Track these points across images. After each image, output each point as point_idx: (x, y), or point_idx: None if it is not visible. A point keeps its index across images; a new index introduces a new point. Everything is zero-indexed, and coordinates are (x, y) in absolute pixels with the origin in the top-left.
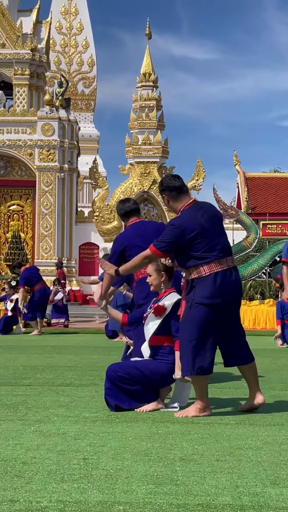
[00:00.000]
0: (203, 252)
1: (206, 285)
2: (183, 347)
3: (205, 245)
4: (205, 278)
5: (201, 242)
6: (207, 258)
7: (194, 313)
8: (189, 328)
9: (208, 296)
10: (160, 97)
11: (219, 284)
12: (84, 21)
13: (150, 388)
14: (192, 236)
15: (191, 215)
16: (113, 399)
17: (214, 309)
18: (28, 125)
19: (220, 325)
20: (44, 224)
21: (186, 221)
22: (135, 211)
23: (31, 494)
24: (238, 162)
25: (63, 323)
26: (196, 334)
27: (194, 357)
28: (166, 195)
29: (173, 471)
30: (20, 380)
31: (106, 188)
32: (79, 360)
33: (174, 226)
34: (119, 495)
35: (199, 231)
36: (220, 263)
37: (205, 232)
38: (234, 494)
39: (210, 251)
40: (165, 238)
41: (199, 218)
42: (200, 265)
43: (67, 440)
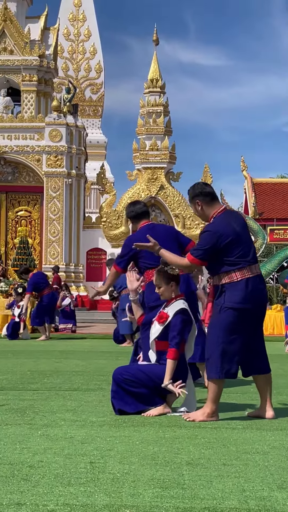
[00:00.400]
0: (236, 258)
1: (237, 290)
2: (211, 351)
3: (239, 251)
4: (237, 283)
5: (235, 248)
6: (239, 264)
7: (223, 317)
8: (218, 332)
9: (239, 301)
10: (168, 103)
11: (250, 290)
12: (92, 27)
13: (156, 391)
14: (227, 242)
15: (225, 222)
16: (119, 402)
17: (244, 314)
18: (36, 131)
19: (247, 330)
20: (51, 230)
21: (221, 227)
22: (145, 213)
23: (38, 497)
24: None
25: (71, 329)
26: (224, 337)
27: (222, 360)
28: (200, 200)
29: (180, 475)
30: (28, 385)
31: (114, 194)
32: (86, 365)
33: (210, 232)
34: (126, 499)
35: (233, 237)
36: (251, 270)
37: (239, 238)
38: (241, 498)
39: (243, 257)
40: (202, 245)
41: (232, 224)
42: (232, 271)
43: (74, 444)
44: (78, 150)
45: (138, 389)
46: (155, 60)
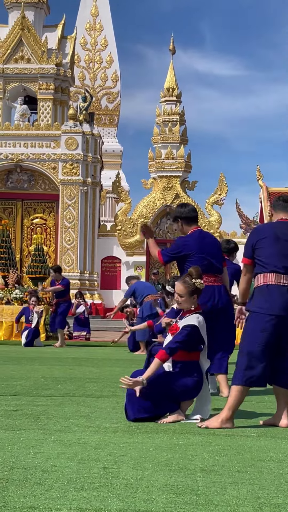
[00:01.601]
0: (263, 259)
1: (263, 295)
2: (238, 357)
3: (265, 256)
4: (261, 288)
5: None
6: (266, 269)
7: (249, 322)
8: (246, 339)
9: (263, 306)
10: (184, 111)
11: (276, 296)
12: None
13: (172, 398)
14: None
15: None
16: (134, 407)
17: (269, 320)
18: (52, 139)
19: (275, 338)
20: (66, 238)
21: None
22: (196, 218)
23: (51, 501)
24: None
25: (85, 336)
26: (251, 345)
27: (245, 367)
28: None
29: (194, 481)
30: (41, 391)
31: (129, 202)
32: (100, 372)
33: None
34: (139, 504)
35: (194, 251)
36: (278, 278)
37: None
38: (255, 505)
39: (269, 262)
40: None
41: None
42: (257, 274)
43: (87, 450)
44: (94, 159)
45: (155, 395)
46: (172, 69)
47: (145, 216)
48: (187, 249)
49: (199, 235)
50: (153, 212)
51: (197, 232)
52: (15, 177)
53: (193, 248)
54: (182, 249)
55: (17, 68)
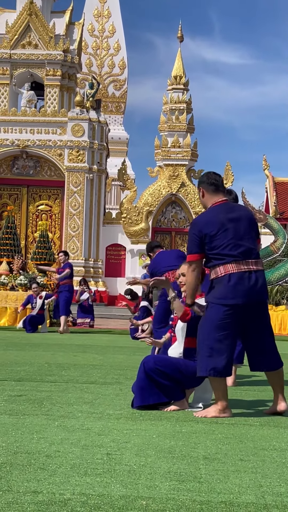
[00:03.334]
0: (220, 251)
1: (221, 286)
2: (198, 348)
3: (223, 245)
4: (221, 278)
5: (218, 240)
6: (224, 259)
7: (209, 313)
8: (204, 329)
9: (221, 296)
10: (191, 100)
11: (233, 284)
12: (117, 24)
13: (180, 385)
14: (208, 234)
15: (214, 213)
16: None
17: (228, 310)
18: (58, 126)
19: (237, 327)
20: (71, 225)
21: (207, 218)
22: None
23: (54, 486)
24: (267, 166)
25: (89, 323)
26: (210, 334)
27: (207, 358)
28: (203, 187)
29: (197, 469)
30: (45, 377)
31: (134, 190)
32: (104, 359)
33: (193, 223)
34: (142, 490)
35: (219, 228)
36: (238, 265)
37: (225, 231)
38: (258, 493)
39: (227, 252)
40: (190, 240)
41: (221, 216)
42: (217, 265)
43: (91, 436)
44: (100, 146)
45: (165, 381)
46: (179, 57)
47: (150, 204)
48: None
49: None
50: (158, 201)
51: None
52: (21, 163)
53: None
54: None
55: (24, 53)
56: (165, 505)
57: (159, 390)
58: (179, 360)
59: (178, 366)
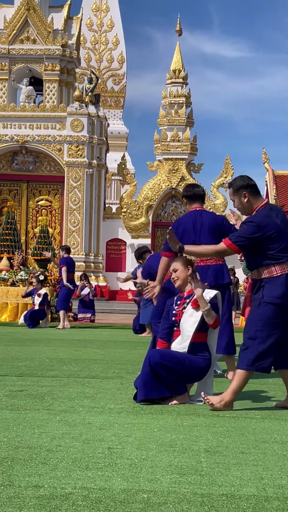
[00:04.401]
0: (277, 252)
1: (277, 285)
2: (247, 343)
3: (280, 246)
4: (276, 278)
5: (276, 242)
6: (280, 259)
7: (261, 311)
8: (256, 326)
9: (278, 296)
10: (190, 93)
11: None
12: (115, 18)
13: (183, 380)
14: (269, 235)
15: (268, 215)
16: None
17: (282, 309)
18: (57, 121)
19: (285, 326)
20: (72, 220)
21: (265, 220)
22: None
23: (56, 480)
24: (267, 160)
25: (89, 318)
26: (262, 331)
27: (256, 353)
28: (247, 192)
29: (198, 462)
30: (46, 372)
31: (134, 185)
32: (105, 354)
33: (254, 223)
34: (143, 484)
35: (276, 231)
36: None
37: (280, 232)
38: (259, 485)
39: (283, 252)
40: (244, 234)
41: (274, 218)
42: (272, 265)
43: (92, 430)
44: (99, 140)
45: (168, 375)
46: (178, 50)
47: (150, 198)
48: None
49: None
50: (158, 195)
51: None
52: (20, 159)
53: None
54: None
55: (23, 49)
56: (166, 498)
57: (162, 384)
58: (184, 355)
59: (182, 361)
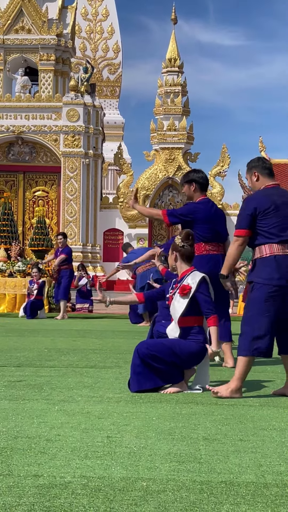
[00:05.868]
0: (270, 229)
1: (265, 266)
2: (243, 328)
3: (272, 225)
4: (265, 259)
5: (269, 219)
6: (272, 239)
7: (252, 295)
8: (248, 310)
9: (266, 277)
10: (186, 82)
11: (279, 266)
12: (110, 7)
13: (178, 368)
14: (262, 211)
15: (267, 193)
16: (138, 378)
17: (275, 290)
18: (53, 111)
19: (279, 308)
20: (68, 210)
21: (261, 196)
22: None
23: (55, 469)
24: (263, 148)
25: (88, 308)
26: (256, 315)
27: (252, 338)
28: (257, 171)
29: (197, 449)
30: (45, 362)
31: (131, 174)
32: (103, 343)
33: (248, 199)
34: (142, 472)
35: (270, 207)
36: (283, 247)
37: (276, 211)
38: (258, 472)
39: (275, 232)
40: (243, 214)
41: (274, 197)
42: (263, 244)
43: (91, 419)
44: (95, 130)
45: (160, 365)
46: (173, 39)
47: (147, 188)
48: (198, 215)
49: (209, 204)
50: (155, 184)
51: (207, 200)
52: (16, 150)
53: (203, 216)
54: (193, 214)
55: (18, 38)
56: (165, 486)
57: (155, 374)
58: (174, 341)
59: (172, 349)
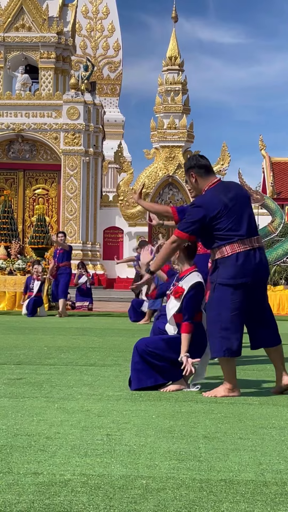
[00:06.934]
0: (226, 231)
1: (228, 265)
2: (210, 329)
3: (228, 225)
4: (227, 258)
5: (223, 221)
6: (231, 238)
7: (218, 294)
8: (215, 310)
9: (230, 276)
10: (186, 81)
11: (241, 264)
12: (110, 5)
13: (177, 365)
14: (215, 215)
15: (214, 194)
16: (138, 375)
17: (238, 289)
18: (53, 109)
19: (245, 306)
20: (68, 208)
21: (209, 200)
22: None
23: (55, 467)
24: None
25: (87, 306)
26: (221, 315)
27: (221, 338)
28: (194, 172)
29: (196, 448)
30: (44, 360)
31: (131, 173)
32: (103, 341)
33: (197, 205)
34: (142, 470)
35: (221, 209)
36: (243, 244)
37: (228, 210)
38: (257, 471)
39: (233, 231)
40: (190, 219)
41: (221, 196)
42: (222, 245)
43: (91, 417)
44: (95, 128)
45: (160, 362)
46: (174, 37)
47: (147, 186)
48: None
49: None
50: (155, 183)
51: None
52: (16, 147)
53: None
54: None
55: (18, 36)
56: (165, 484)
57: (155, 371)
58: (172, 338)
59: (170, 345)
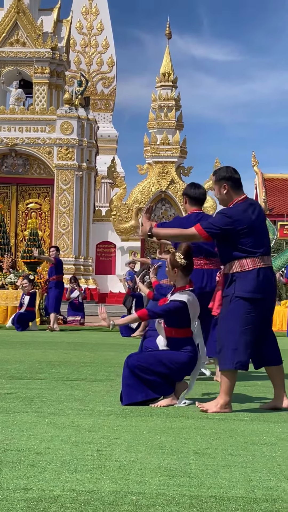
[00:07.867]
0: (249, 247)
1: (249, 279)
2: (223, 342)
3: (252, 241)
4: (249, 272)
5: (249, 237)
6: (253, 254)
7: (234, 307)
8: (229, 323)
9: (249, 290)
10: (179, 97)
11: (261, 280)
12: (105, 21)
13: (168, 379)
14: (241, 229)
15: (243, 209)
16: (130, 390)
17: (254, 304)
18: (47, 124)
19: (259, 321)
20: (61, 222)
21: (238, 214)
22: None
23: (44, 483)
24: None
25: (79, 321)
26: (236, 328)
27: (233, 351)
28: (228, 184)
29: (187, 464)
30: (35, 375)
31: (124, 188)
32: (94, 356)
33: (226, 215)
34: (132, 486)
35: (248, 226)
36: (263, 260)
37: (253, 228)
38: (248, 487)
39: (255, 248)
40: (216, 224)
41: (249, 213)
42: (244, 258)
43: (81, 432)
44: (89, 143)
45: (151, 377)
46: (168, 54)
47: (140, 201)
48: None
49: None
50: (148, 198)
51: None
52: (10, 162)
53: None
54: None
55: (12, 51)
56: (155, 500)
57: (146, 386)
58: (162, 352)
59: (161, 359)
